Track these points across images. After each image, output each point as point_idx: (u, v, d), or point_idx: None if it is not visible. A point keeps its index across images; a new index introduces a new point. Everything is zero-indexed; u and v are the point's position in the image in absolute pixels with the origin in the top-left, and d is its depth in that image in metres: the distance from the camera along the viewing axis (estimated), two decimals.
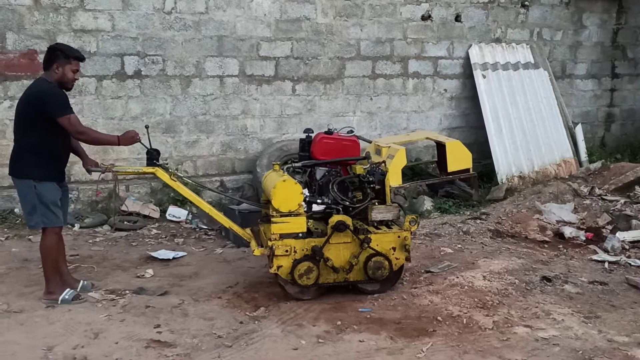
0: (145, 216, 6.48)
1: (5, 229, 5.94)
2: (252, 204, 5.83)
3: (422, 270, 5.09)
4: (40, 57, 6.25)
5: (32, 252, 5.39)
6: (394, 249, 4.42)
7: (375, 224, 4.53)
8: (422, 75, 8.11)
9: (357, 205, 4.48)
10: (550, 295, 4.60)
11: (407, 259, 4.50)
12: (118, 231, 6.15)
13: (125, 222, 6.31)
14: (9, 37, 6.18)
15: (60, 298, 4.24)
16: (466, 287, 4.69)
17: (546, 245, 5.90)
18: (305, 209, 4.45)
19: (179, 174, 4.79)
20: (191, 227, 6.40)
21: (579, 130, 8.40)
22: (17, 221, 6.13)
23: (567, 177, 7.79)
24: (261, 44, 7.21)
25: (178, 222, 6.51)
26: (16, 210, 6.23)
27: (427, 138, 7.57)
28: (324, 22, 7.47)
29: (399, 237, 4.43)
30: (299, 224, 4.28)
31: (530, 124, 8.05)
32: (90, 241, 5.83)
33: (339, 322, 4.06)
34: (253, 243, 4.50)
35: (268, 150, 7.15)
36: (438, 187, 7.37)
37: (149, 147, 4.50)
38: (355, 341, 3.80)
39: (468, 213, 6.74)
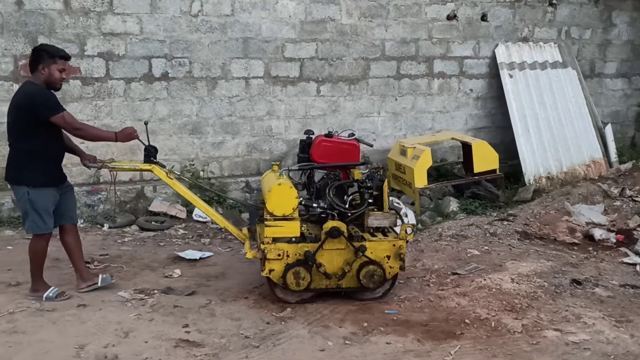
0: (172, 216, 6.56)
1: None
2: (241, 201, 5.68)
3: (449, 272, 5.05)
4: (71, 61, 6.41)
5: (63, 252, 5.48)
6: (388, 257, 4.32)
7: (372, 231, 4.46)
8: (448, 75, 8.05)
9: (353, 211, 4.38)
10: (580, 298, 4.53)
11: (402, 268, 4.39)
12: (145, 231, 6.23)
13: (152, 223, 6.39)
14: (40, 41, 6.28)
15: (45, 296, 4.33)
16: (494, 289, 4.65)
17: (575, 248, 5.82)
18: (303, 212, 4.40)
19: (176, 172, 4.76)
20: (217, 228, 6.45)
21: (608, 130, 8.25)
22: None
23: (596, 178, 7.66)
24: (286, 45, 7.24)
25: (204, 222, 6.57)
26: None
27: (452, 138, 7.58)
28: (348, 23, 7.47)
29: (394, 245, 4.33)
30: (293, 229, 4.22)
31: (558, 123, 7.93)
32: (119, 241, 5.91)
33: (365, 324, 4.06)
34: (247, 244, 4.48)
35: (293, 151, 7.17)
36: (464, 188, 7.30)
37: (147, 144, 4.52)
38: (382, 343, 3.80)
39: (495, 214, 6.67)
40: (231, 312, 4.23)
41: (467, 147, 7.28)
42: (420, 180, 6.63)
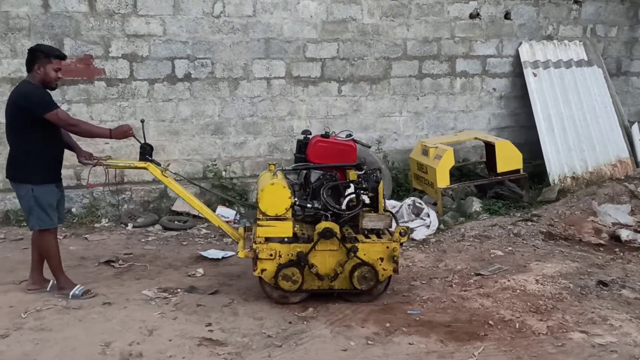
0: (194, 216, 6.60)
1: (63, 228, 6.16)
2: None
3: (472, 273, 5.01)
4: (96, 63, 6.53)
5: (89, 250, 5.59)
6: (381, 259, 4.28)
7: (366, 232, 4.42)
8: (470, 74, 7.99)
9: (347, 212, 4.34)
10: (606, 300, 4.45)
11: (395, 271, 4.33)
12: (168, 231, 6.29)
13: (175, 222, 6.45)
14: (66, 42, 6.41)
15: (71, 293, 4.38)
16: (518, 290, 4.60)
17: (601, 249, 5.72)
18: (299, 212, 4.38)
19: (171, 171, 4.76)
20: (239, 227, 6.48)
21: (635, 130, 8.09)
22: (74, 220, 6.35)
23: (623, 177, 7.52)
24: (307, 45, 7.25)
25: (226, 222, 6.60)
26: (73, 209, 6.47)
27: (475, 138, 7.51)
28: (370, 23, 7.45)
29: (387, 247, 4.27)
30: (285, 229, 4.20)
31: (583, 123, 7.81)
32: (143, 240, 5.98)
33: (387, 324, 4.04)
34: (240, 244, 4.47)
35: None
36: (487, 188, 7.24)
37: (143, 142, 4.55)
38: (405, 344, 3.78)
39: (518, 215, 6.59)
40: (253, 311, 4.25)
41: (490, 147, 7.21)
42: (443, 180, 6.59)
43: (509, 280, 4.77)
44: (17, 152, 4.28)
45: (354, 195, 4.36)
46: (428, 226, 6.08)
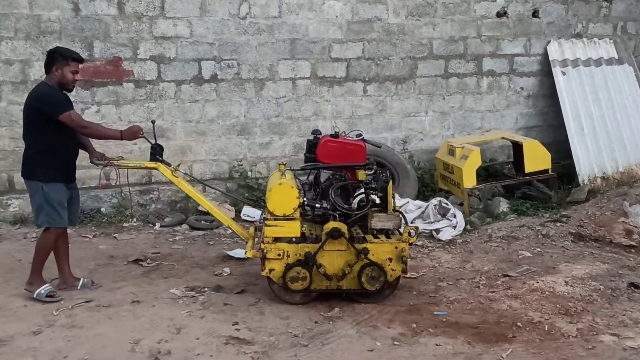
0: None
1: (93, 227, 6.28)
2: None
3: (499, 274, 4.96)
4: (125, 64, 6.63)
5: (118, 249, 5.68)
6: (390, 259, 4.24)
7: (375, 232, 4.39)
8: (497, 73, 7.90)
9: (356, 212, 4.31)
10: (638, 302, 4.36)
11: (404, 271, 4.30)
12: (195, 230, 6.36)
13: (202, 222, 6.52)
14: (96, 45, 6.53)
15: (37, 292, 4.38)
16: (547, 292, 4.53)
17: (633, 250, 5.60)
18: (309, 212, 4.37)
19: (181, 171, 4.77)
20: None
21: None
22: (104, 220, 6.46)
23: None
24: (333, 45, 7.26)
25: (252, 221, 6.64)
26: (102, 209, 6.58)
27: (502, 138, 7.43)
28: (395, 22, 7.43)
29: (396, 248, 4.24)
30: (293, 229, 4.20)
31: (614, 122, 7.67)
32: (170, 239, 6.06)
33: (414, 325, 4.02)
34: (250, 244, 4.48)
35: None
36: (515, 189, 7.15)
37: (153, 143, 4.59)
38: (432, 345, 3.76)
39: (547, 215, 6.49)
40: (280, 310, 4.27)
41: (517, 147, 7.12)
42: (469, 180, 6.53)
43: (538, 282, 4.71)
44: (30, 151, 4.37)
45: (363, 195, 4.34)
46: (454, 227, 6.03)
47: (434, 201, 6.37)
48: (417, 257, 5.48)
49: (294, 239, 4.27)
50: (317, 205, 4.35)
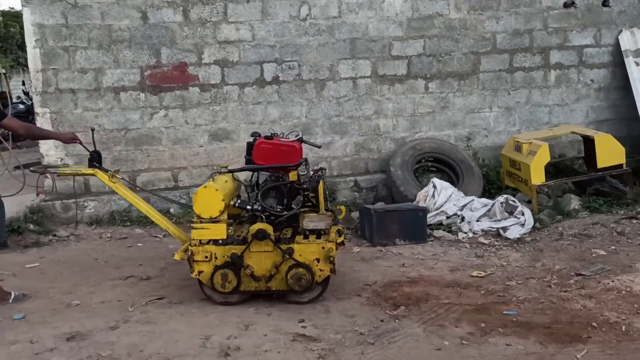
0: None
1: None
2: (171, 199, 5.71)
3: (572, 273, 4.78)
4: (190, 69, 6.84)
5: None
6: (317, 260, 4.19)
7: (307, 233, 4.34)
8: (565, 66, 7.63)
9: (284, 213, 4.32)
10: None
11: (332, 271, 4.23)
12: None
13: None
14: (163, 52, 6.76)
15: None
16: (624, 291, 4.33)
17: None
18: (244, 214, 4.38)
19: (119, 177, 4.73)
20: None
21: None
22: (173, 220, 6.66)
23: None
24: (393, 43, 7.21)
25: None
26: (171, 210, 6.80)
27: (572, 132, 7.16)
28: (457, 17, 7.30)
29: (323, 248, 4.19)
30: (219, 231, 4.19)
31: None
32: None
33: (482, 324, 3.93)
34: (183, 247, 4.47)
35: (401, 149, 7.13)
36: (586, 185, 6.87)
37: (92, 150, 4.64)
38: (502, 344, 3.66)
39: (622, 212, 6.20)
40: (345, 309, 4.28)
41: (589, 142, 6.85)
42: (538, 177, 6.34)
43: (613, 281, 4.51)
44: None
45: (301, 194, 4.38)
46: (522, 224, 5.86)
47: (501, 199, 6.21)
48: (484, 255, 5.36)
49: (220, 241, 4.29)
50: (248, 207, 4.40)
